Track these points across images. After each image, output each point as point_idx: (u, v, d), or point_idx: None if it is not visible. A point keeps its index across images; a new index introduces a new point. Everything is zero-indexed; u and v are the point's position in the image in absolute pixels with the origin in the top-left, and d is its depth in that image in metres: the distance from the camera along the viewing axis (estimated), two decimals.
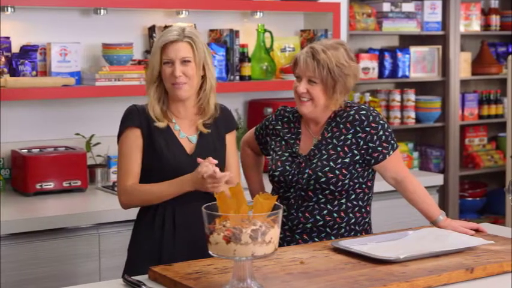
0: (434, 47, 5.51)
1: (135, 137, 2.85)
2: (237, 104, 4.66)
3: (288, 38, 4.75)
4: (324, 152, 2.94)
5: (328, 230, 2.96)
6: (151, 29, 4.29)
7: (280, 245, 2.65)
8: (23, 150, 3.92)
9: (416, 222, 3.42)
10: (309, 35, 4.75)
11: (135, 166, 2.85)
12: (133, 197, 2.84)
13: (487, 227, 3.17)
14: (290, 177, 2.95)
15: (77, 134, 4.13)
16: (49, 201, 3.76)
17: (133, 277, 2.46)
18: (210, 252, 2.25)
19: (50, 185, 3.86)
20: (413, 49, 5.45)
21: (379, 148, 2.93)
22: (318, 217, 2.95)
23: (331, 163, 2.91)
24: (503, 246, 2.72)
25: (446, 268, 2.47)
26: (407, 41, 5.56)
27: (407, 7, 5.34)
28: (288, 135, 3.03)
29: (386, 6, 5.26)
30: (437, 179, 4.64)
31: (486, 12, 5.81)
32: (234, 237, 2.17)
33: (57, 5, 4.01)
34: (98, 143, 4.15)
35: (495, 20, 5.80)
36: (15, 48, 3.97)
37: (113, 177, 4.13)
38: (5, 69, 3.85)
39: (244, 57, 4.47)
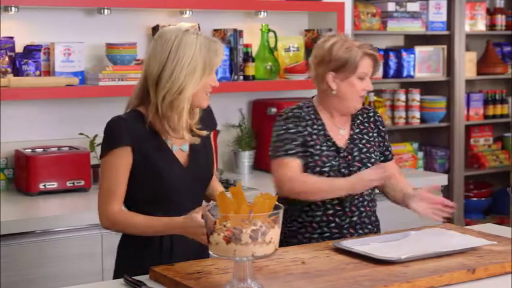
0: (440, 47, 5.50)
1: (124, 157, 2.60)
2: (241, 103, 4.66)
3: (292, 37, 4.75)
4: (360, 145, 3.08)
5: (370, 225, 3.09)
6: (155, 29, 4.29)
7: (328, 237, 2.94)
8: (26, 150, 3.92)
9: (419, 223, 3.40)
10: (313, 35, 4.74)
11: (121, 189, 2.62)
12: (116, 226, 2.64)
13: (489, 227, 3.17)
14: (342, 171, 3.00)
15: (81, 133, 4.14)
16: (52, 201, 3.76)
17: (134, 277, 2.46)
18: (210, 253, 2.25)
19: (54, 185, 3.86)
20: (418, 49, 5.43)
21: (390, 148, 3.20)
22: (362, 209, 3.06)
23: (371, 155, 3.07)
24: (505, 247, 2.71)
25: (448, 269, 2.46)
26: (412, 40, 5.55)
27: (412, 7, 5.32)
28: (313, 129, 3.03)
29: (391, 6, 5.24)
30: (442, 179, 4.64)
31: (491, 12, 5.80)
32: (234, 238, 2.17)
33: (61, 4, 4.02)
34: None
35: (500, 19, 5.78)
36: (18, 48, 3.98)
37: None
38: (9, 69, 3.86)
39: (248, 57, 4.47)
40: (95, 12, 4.15)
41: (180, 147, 2.70)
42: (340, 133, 3.08)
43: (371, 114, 3.18)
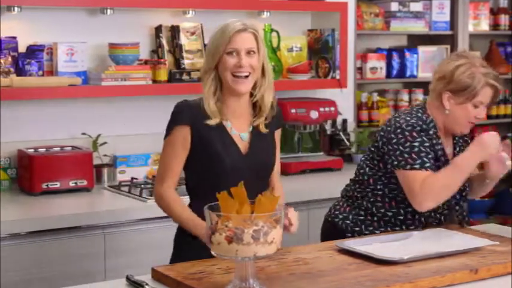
0: (443, 47, 5.49)
1: (183, 136, 2.73)
2: None
3: (295, 37, 4.74)
4: None
5: None
6: (158, 29, 4.29)
7: None
8: (29, 150, 3.92)
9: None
10: (316, 35, 4.74)
11: (176, 166, 2.76)
12: (161, 203, 2.80)
13: (492, 228, 3.16)
14: None
15: (84, 133, 4.14)
16: (55, 201, 3.76)
17: (136, 277, 2.46)
18: (212, 252, 2.25)
19: (56, 185, 3.86)
20: (421, 49, 5.42)
21: None
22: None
23: None
24: (508, 247, 2.71)
25: (450, 269, 2.46)
26: (416, 40, 5.54)
27: (416, 7, 5.31)
28: (435, 148, 3.03)
29: (394, 6, 5.23)
30: None
31: (495, 12, 5.78)
32: (236, 238, 2.17)
33: (64, 4, 4.02)
34: (104, 143, 4.15)
35: (504, 19, 5.76)
36: (21, 48, 3.98)
37: (120, 177, 4.13)
38: (12, 69, 3.86)
39: None
40: (97, 12, 4.15)
41: (239, 133, 2.79)
42: (447, 151, 3.09)
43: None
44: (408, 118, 3.00)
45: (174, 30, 4.30)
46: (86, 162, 3.95)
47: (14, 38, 3.97)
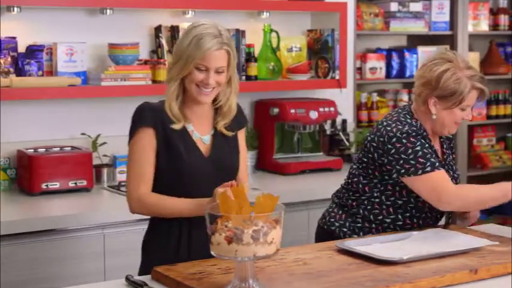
0: (442, 47, 5.47)
1: (149, 138, 2.71)
2: (243, 103, 4.58)
3: (294, 37, 4.75)
4: (451, 163, 3.15)
5: None
6: (158, 29, 4.29)
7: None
8: (29, 150, 3.92)
9: None
10: (315, 35, 4.74)
11: (149, 170, 2.72)
12: (145, 208, 2.73)
13: (492, 228, 3.16)
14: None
15: (83, 133, 4.14)
16: (55, 201, 3.76)
17: (136, 277, 2.46)
18: (212, 253, 2.25)
19: (56, 185, 3.86)
20: (421, 49, 5.42)
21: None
22: None
23: (458, 171, 3.18)
24: (507, 247, 2.71)
25: (450, 269, 2.46)
26: (415, 41, 5.54)
27: (415, 7, 5.32)
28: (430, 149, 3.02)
29: (393, 6, 5.24)
30: None
31: (495, 12, 5.78)
32: (235, 238, 2.17)
33: (64, 4, 4.02)
34: (104, 143, 4.15)
35: (504, 19, 5.77)
36: (21, 48, 3.98)
37: (119, 177, 4.13)
38: (11, 69, 3.86)
39: (250, 57, 4.47)
40: (97, 12, 4.15)
41: (201, 136, 2.78)
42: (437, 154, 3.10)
43: (451, 136, 3.21)
44: (400, 126, 2.96)
45: (174, 31, 4.30)
46: (85, 163, 3.95)
47: (14, 38, 3.97)
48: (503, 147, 5.93)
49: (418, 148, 2.92)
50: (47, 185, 3.84)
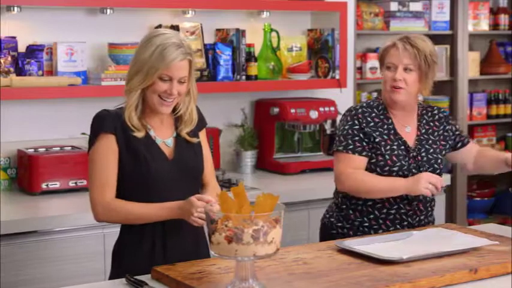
0: (443, 47, 5.49)
1: (110, 144, 2.67)
2: (244, 103, 4.66)
3: (294, 37, 4.74)
4: (427, 146, 3.13)
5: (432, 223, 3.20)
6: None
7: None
8: (29, 150, 3.93)
9: None
10: (316, 35, 4.74)
11: (112, 177, 2.67)
12: (112, 214, 2.68)
13: (492, 227, 3.16)
14: (413, 171, 3.05)
15: (83, 133, 4.13)
16: (55, 201, 3.76)
17: (136, 277, 2.46)
18: (212, 252, 2.25)
19: (56, 185, 3.86)
20: None
21: (463, 134, 3.29)
22: (429, 209, 3.16)
23: (437, 155, 3.13)
24: (507, 247, 2.71)
25: (450, 269, 2.46)
26: None
27: (415, 6, 5.32)
28: (384, 129, 3.09)
29: (393, 6, 5.24)
30: (445, 179, 4.61)
31: (495, 12, 5.79)
32: (235, 237, 2.17)
33: (64, 4, 4.02)
34: None
35: (504, 19, 5.77)
36: (21, 48, 3.98)
37: None
38: (11, 69, 3.86)
39: (250, 57, 4.46)
40: (97, 12, 4.15)
41: (163, 140, 2.75)
42: (406, 130, 3.13)
43: (435, 112, 3.23)
44: (354, 105, 3.18)
45: (174, 30, 4.30)
46: (85, 162, 3.87)
47: (14, 37, 3.97)
48: (503, 147, 5.93)
49: (347, 127, 3.07)
50: (47, 185, 3.84)
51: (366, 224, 3.10)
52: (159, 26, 4.27)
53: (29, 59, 3.92)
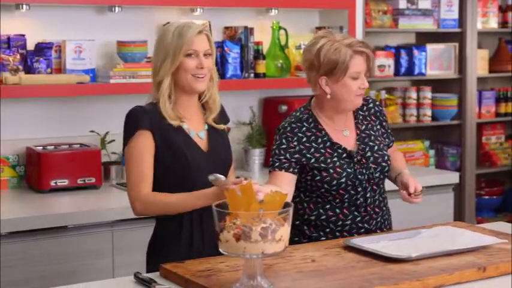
0: (451, 44, 5.48)
1: (146, 140, 2.74)
2: (252, 101, 4.66)
3: (303, 35, 4.74)
4: (370, 143, 3.01)
5: (388, 221, 3.09)
6: None
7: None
8: (37, 147, 3.93)
9: (430, 221, 3.40)
10: None
11: (148, 172, 2.73)
12: (150, 208, 2.74)
13: (501, 226, 3.15)
14: (359, 177, 2.94)
15: (92, 131, 4.14)
16: (63, 198, 3.77)
17: (144, 274, 2.46)
18: (220, 250, 2.25)
19: (65, 182, 3.87)
20: (429, 46, 5.41)
21: (391, 133, 3.15)
22: (384, 208, 3.06)
23: (383, 152, 3.02)
24: None
25: (458, 267, 2.45)
26: (424, 38, 5.53)
27: (424, 4, 5.31)
28: (318, 144, 2.95)
29: (402, 3, 5.23)
30: (454, 177, 4.62)
31: (504, 9, 5.77)
32: (244, 235, 2.17)
33: (72, 2, 4.02)
34: (112, 140, 4.15)
35: None
36: (30, 46, 3.99)
37: None
38: (20, 67, 3.87)
39: (259, 55, 4.46)
40: (106, 10, 4.15)
41: (197, 132, 2.83)
42: (344, 135, 3.00)
43: (370, 105, 3.10)
44: (283, 121, 3.01)
45: None
46: (94, 160, 3.95)
47: (23, 35, 3.97)
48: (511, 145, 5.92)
49: (274, 146, 2.96)
50: (55, 182, 3.85)
51: (323, 239, 2.96)
52: (167, 24, 4.27)
53: (37, 56, 3.93)
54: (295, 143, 2.93)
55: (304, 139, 2.95)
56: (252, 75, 4.44)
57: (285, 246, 2.24)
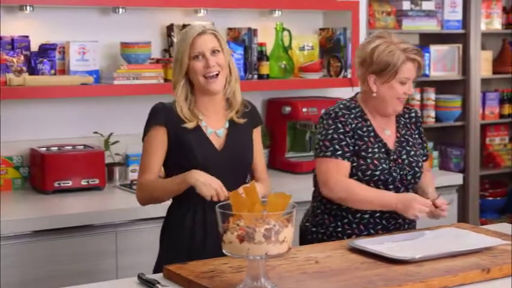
0: (455, 46, 5.47)
1: (160, 136, 2.84)
2: (255, 102, 4.56)
3: (306, 36, 4.74)
4: (407, 148, 3.07)
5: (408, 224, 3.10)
6: (170, 28, 4.29)
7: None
8: (41, 149, 3.94)
9: (434, 222, 3.39)
10: (328, 34, 4.73)
11: (155, 162, 2.85)
12: (144, 192, 2.87)
13: (505, 227, 3.15)
14: (393, 174, 2.99)
15: (96, 132, 4.15)
16: (67, 200, 3.77)
17: (148, 276, 2.47)
18: (224, 251, 2.25)
19: (69, 183, 3.87)
20: (433, 48, 5.41)
21: (426, 148, 3.21)
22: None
23: (418, 158, 3.07)
24: None
25: (462, 268, 2.46)
26: (428, 39, 5.52)
27: (428, 5, 5.30)
28: (363, 132, 3.01)
29: (406, 5, 5.22)
30: (457, 179, 4.62)
31: (508, 10, 5.75)
32: (247, 236, 2.17)
33: (76, 3, 4.03)
34: (116, 142, 4.15)
35: None
36: (34, 47, 3.99)
37: (131, 176, 4.13)
38: (24, 68, 3.87)
39: (262, 56, 4.46)
40: (109, 11, 4.16)
41: (215, 130, 2.88)
42: (385, 133, 3.06)
43: (412, 114, 3.18)
44: (332, 107, 3.06)
45: None
46: (97, 161, 3.96)
47: (27, 37, 3.98)
48: None
49: (330, 131, 2.98)
50: (59, 184, 3.85)
51: (339, 229, 3.00)
52: (171, 25, 4.28)
53: (41, 58, 3.93)
54: (349, 127, 2.99)
55: (353, 125, 3.01)
56: (255, 76, 4.44)
57: (289, 248, 2.24)
